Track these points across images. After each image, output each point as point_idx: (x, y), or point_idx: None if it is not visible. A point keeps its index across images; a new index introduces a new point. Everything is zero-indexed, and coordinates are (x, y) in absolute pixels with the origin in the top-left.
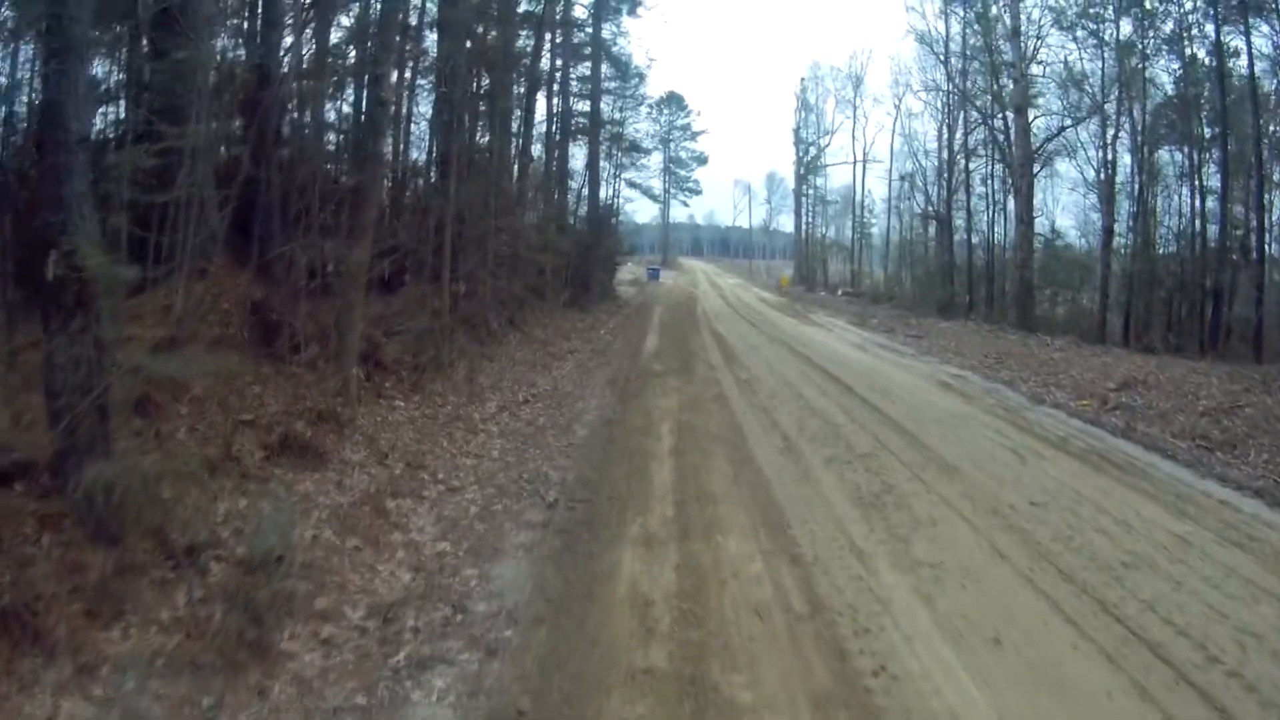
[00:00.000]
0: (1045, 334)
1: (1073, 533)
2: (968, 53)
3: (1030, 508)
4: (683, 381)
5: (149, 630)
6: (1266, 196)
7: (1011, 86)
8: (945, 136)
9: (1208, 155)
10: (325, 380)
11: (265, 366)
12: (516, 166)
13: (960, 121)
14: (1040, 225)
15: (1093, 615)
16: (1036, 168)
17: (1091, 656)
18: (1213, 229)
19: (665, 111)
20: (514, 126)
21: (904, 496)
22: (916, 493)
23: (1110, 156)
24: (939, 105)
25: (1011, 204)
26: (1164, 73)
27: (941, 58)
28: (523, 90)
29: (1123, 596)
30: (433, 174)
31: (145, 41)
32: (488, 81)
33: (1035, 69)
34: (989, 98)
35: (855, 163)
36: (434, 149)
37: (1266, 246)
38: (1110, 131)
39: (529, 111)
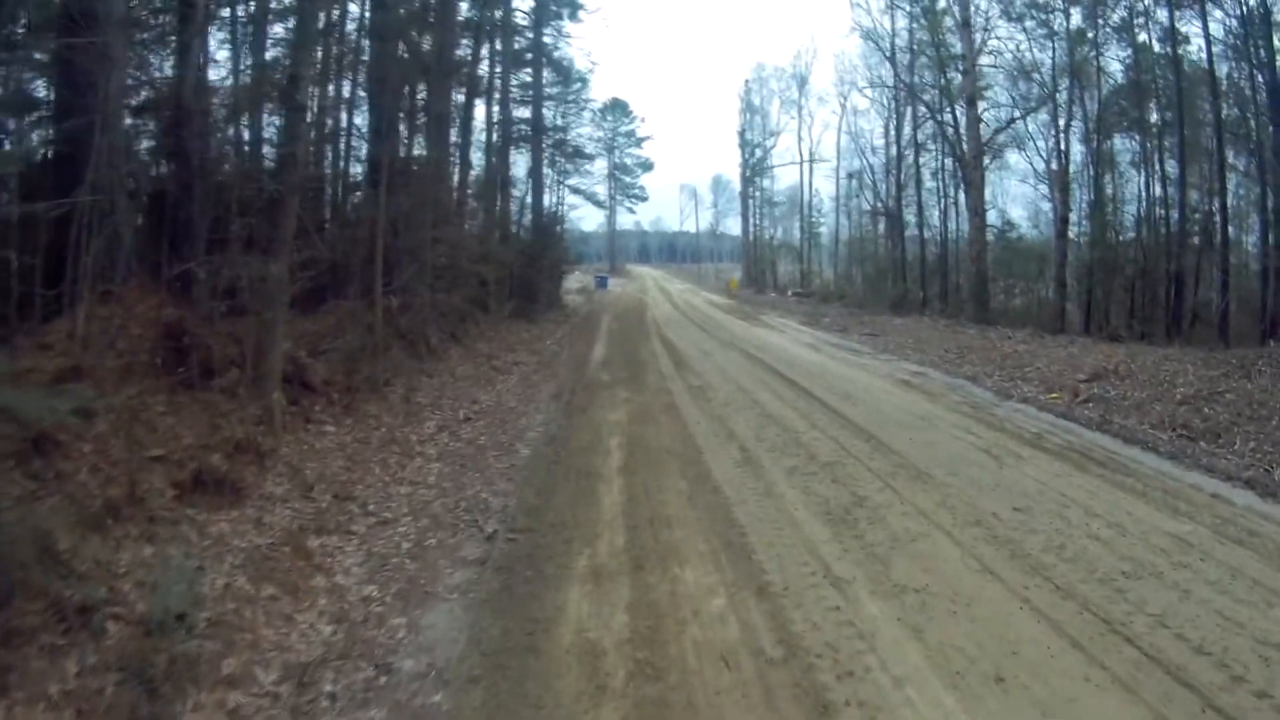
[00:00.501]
0: (1004, 327)
1: (1064, 541)
2: (915, 47)
3: (1015, 515)
4: (632, 392)
5: (36, 708)
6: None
7: (960, 79)
8: (893, 133)
9: (1162, 142)
10: (245, 407)
11: (179, 394)
12: (457, 176)
13: (908, 117)
14: (992, 217)
15: (1100, 637)
16: (987, 160)
17: (1106, 688)
18: (1173, 214)
19: (609, 118)
20: (453, 135)
21: (877, 509)
22: (890, 504)
23: (1064, 145)
24: (885, 102)
25: (963, 198)
26: (1115, 60)
27: (888, 54)
28: (462, 98)
29: (1129, 612)
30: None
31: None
32: (424, 90)
33: (985, 60)
34: (936, 92)
35: (802, 162)
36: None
37: (1228, 230)
38: (1062, 120)
39: (468, 119)
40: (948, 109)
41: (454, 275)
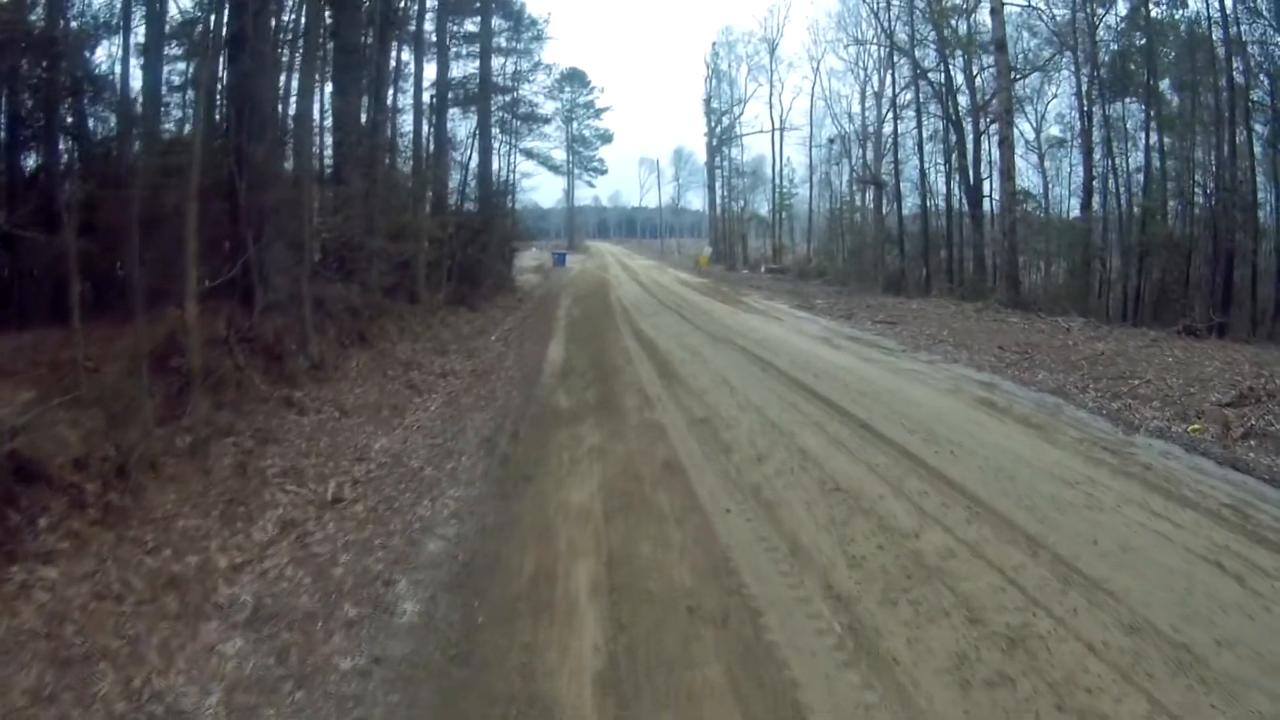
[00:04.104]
0: (1042, 311)
1: None
2: None
3: None
4: (605, 432)
5: None
6: None
7: (990, 19)
8: (886, 91)
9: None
10: None
11: None
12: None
13: (889, 78)
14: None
15: None
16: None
17: None
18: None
19: (567, 89)
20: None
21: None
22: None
23: (1087, 105)
24: (864, 63)
25: (952, 164)
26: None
27: (874, 6)
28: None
29: None
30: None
31: None
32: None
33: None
34: (930, 48)
35: (773, 130)
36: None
37: None
38: (1085, 77)
39: (382, 64)
40: (940, 67)
41: (356, 257)
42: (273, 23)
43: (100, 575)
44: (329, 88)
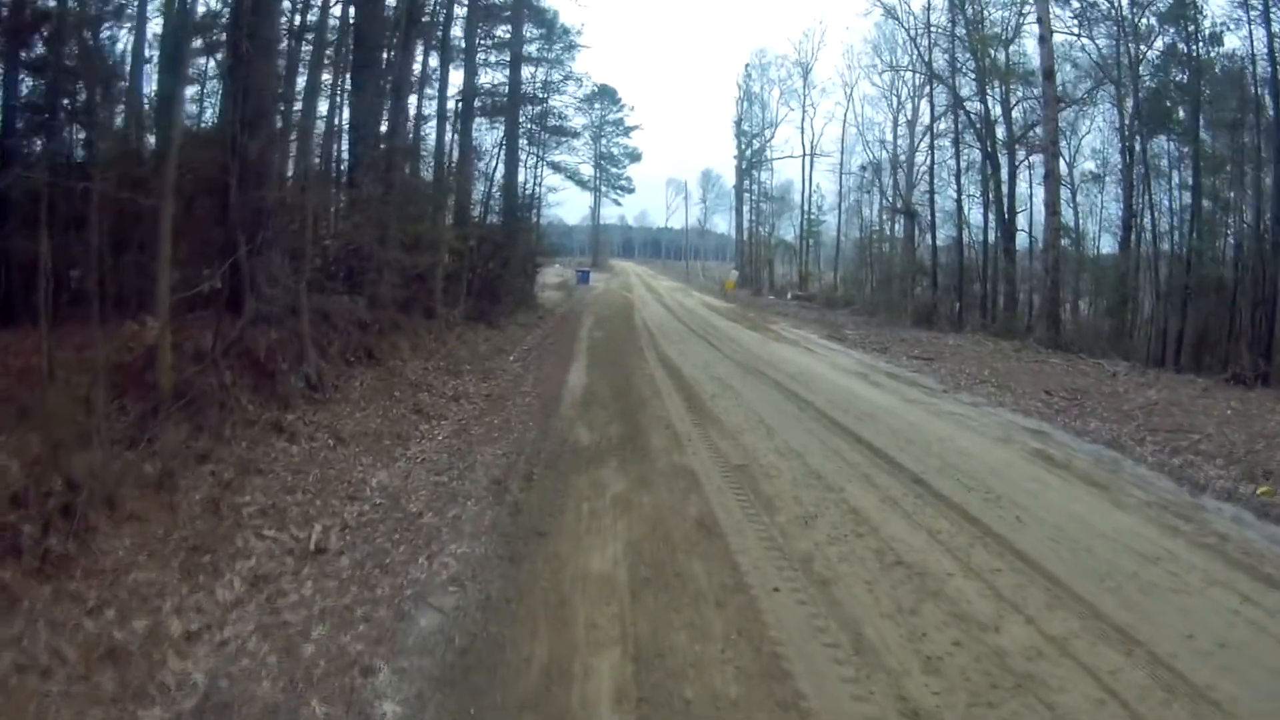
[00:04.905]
0: (1083, 353)
1: None
2: (960, 17)
3: None
4: (630, 480)
5: None
6: None
7: (1038, 47)
8: (915, 117)
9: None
10: None
11: None
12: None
13: (924, 107)
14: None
15: None
16: (1020, 156)
17: None
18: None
19: (597, 105)
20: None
21: None
22: None
23: (1126, 141)
24: (900, 90)
25: (985, 197)
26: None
27: (913, 32)
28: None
29: None
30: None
31: None
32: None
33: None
34: (968, 76)
35: (804, 156)
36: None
37: None
38: (1129, 107)
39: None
40: (976, 96)
41: (368, 266)
42: (283, 6)
43: (27, 642)
44: (349, 88)
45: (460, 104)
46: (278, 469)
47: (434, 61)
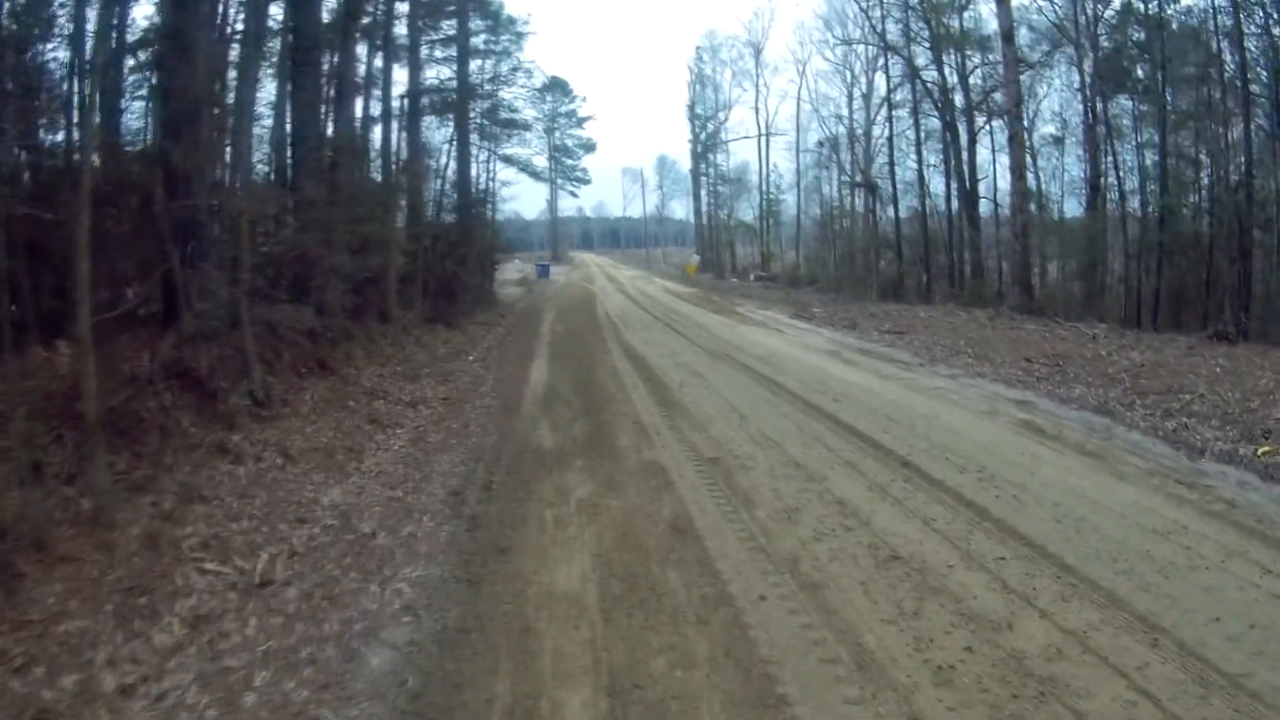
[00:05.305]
0: (1059, 317)
1: None
2: None
3: None
4: (597, 482)
5: None
6: None
7: (996, 8)
8: (870, 90)
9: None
10: None
11: None
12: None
13: (885, 77)
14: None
15: None
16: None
17: None
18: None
19: (549, 98)
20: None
21: None
22: None
23: (1090, 97)
24: (853, 64)
25: (950, 165)
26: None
27: (867, 3)
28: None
29: None
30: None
31: None
32: None
33: None
34: (923, 46)
35: (760, 136)
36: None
37: None
38: (1088, 68)
39: (345, 63)
40: (932, 65)
41: (314, 272)
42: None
43: None
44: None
45: (408, 101)
46: (222, 494)
47: (379, 62)
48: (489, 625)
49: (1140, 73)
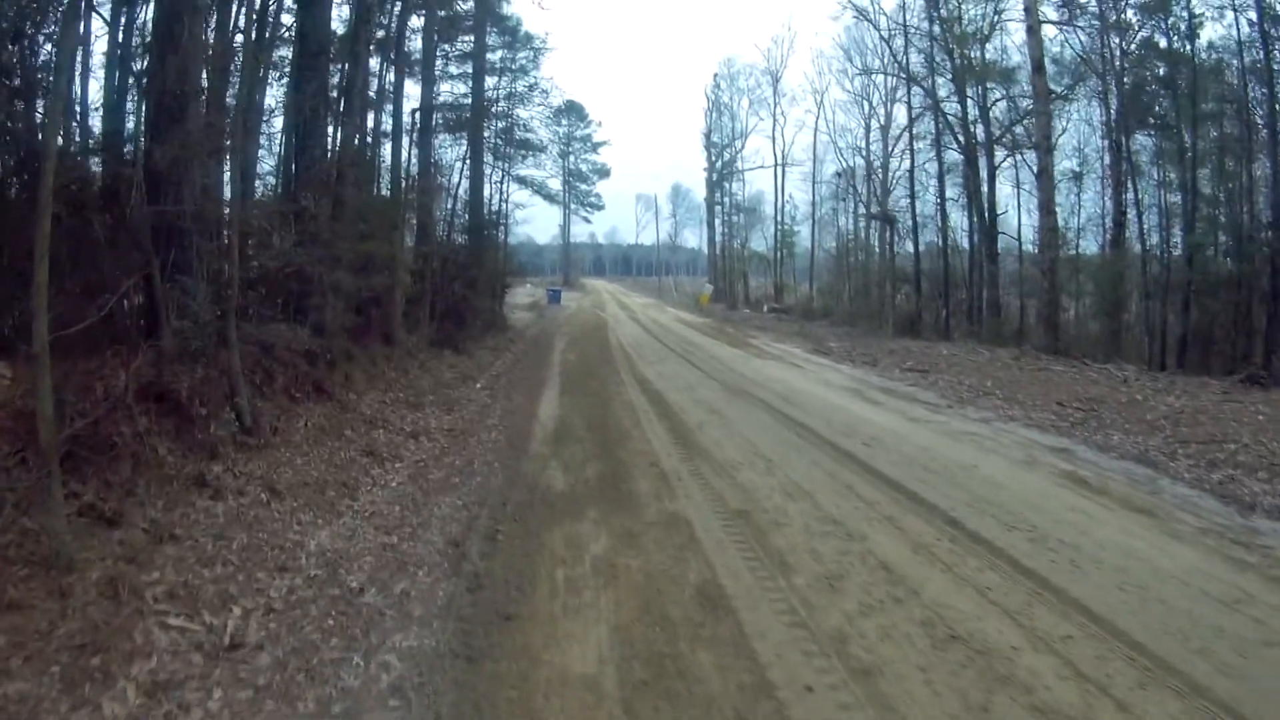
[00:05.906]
0: (1086, 359)
1: None
2: (936, 15)
3: None
4: (613, 536)
5: None
6: None
7: (1026, 37)
8: (889, 122)
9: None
10: None
11: None
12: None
13: (906, 108)
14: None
15: None
16: (1000, 158)
17: None
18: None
19: (564, 121)
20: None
21: None
22: None
23: (1114, 137)
24: (872, 95)
25: (971, 199)
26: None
27: (888, 33)
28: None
29: None
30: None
31: None
32: None
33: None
34: (945, 77)
35: (776, 165)
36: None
37: None
38: (1112, 106)
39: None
40: (953, 97)
41: (312, 290)
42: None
43: None
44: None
45: (420, 116)
46: (196, 534)
47: (391, 76)
48: (490, 716)
49: (1159, 108)
